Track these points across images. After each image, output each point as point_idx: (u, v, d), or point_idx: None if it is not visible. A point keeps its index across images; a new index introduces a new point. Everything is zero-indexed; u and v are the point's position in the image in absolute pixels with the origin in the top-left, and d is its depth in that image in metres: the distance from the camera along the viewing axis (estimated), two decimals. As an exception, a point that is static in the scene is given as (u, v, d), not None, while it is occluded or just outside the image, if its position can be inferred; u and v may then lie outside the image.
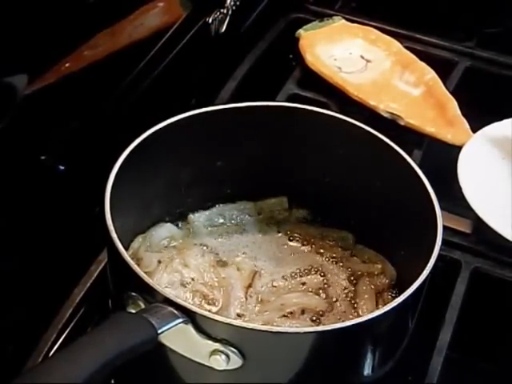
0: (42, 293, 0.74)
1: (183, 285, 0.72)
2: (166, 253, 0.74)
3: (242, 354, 0.59)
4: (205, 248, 0.75)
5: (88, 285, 0.75)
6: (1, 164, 0.70)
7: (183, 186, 0.76)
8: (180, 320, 0.58)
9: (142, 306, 0.60)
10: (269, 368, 0.61)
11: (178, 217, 0.77)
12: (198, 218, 0.77)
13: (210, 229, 0.77)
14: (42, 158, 0.76)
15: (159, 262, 0.72)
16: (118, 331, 0.56)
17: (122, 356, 0.55)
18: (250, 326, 0.59)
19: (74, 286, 0.75)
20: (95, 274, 0.76)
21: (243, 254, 0.76)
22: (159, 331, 0.57)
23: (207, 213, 0.78)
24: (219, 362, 0.59)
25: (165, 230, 0.76)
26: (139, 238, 0.74)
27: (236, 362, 0.59)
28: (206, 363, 0.59)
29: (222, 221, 0.78)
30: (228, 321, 0.59)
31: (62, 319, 0.73)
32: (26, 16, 0.67)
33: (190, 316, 0.58)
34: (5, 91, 0.68)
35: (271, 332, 0.59)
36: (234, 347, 0.58)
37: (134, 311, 0.60)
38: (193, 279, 0.72)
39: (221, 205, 0.78)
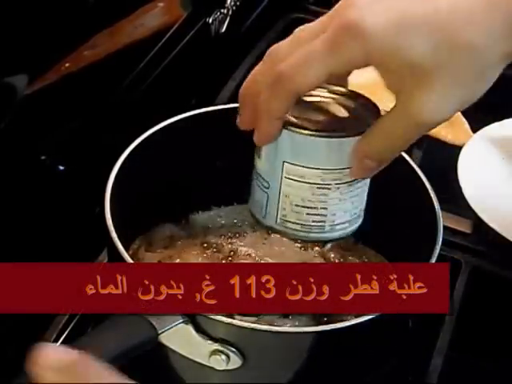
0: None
1: (183, 285, 0.71)
2: (166, 253, 0.74)
3: (242, 354, 0.59)
4: (205, 248, 0.75)
5: (88, 285, 0.75)
6: (1, 164, 0.70)
7: (183, 186, 0.76)
8: (180, 320, 0.58)
9: (142, 306, 0.60)
10: (269, 368, 0.61)
11: (178, 217, 0.77)
12: (199, 218, 0.77)
13: (210, 229, 0.77)
14: (42, 158, 0.76)
15: (159, 262, 0.72)
16: (117, 331, 0.56)
17: (122, 356, 0.55)
18: (250, 326, 0.59)
19: (74, 286, 0.75)
20: (95, 274, 0.76)
21: (243, 254, 0.75)
22: (159, 331, 0.57)
23: (207, 213, 0.78)
24: (219, 362, 0.59)
25: (165, 230, 0.76)
26: (139, 238, 0.74)
27: (236, 362, 0.59)
28: (206, 363, 0.59)
29: (222, 221, 0.78)
30: (228, 321, 0.59)
31: (62, 319, 0.73)
32: (27, 16, 0.67)
33: (190, 316, 0.58)
34: (5, 91, 0.68)
35: (271, 332, 0.59)
36: (234, 347, 0.58)
37: (134, 311, 0.60)
38: (193, 279, 0.72)
39: (221, 205, 0.78)
